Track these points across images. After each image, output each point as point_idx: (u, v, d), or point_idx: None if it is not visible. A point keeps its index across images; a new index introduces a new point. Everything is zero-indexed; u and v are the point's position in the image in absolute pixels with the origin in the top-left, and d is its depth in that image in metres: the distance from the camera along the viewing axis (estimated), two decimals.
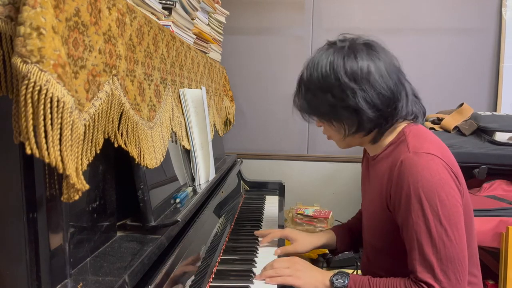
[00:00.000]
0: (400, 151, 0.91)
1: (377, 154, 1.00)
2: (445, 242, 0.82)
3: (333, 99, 0.90)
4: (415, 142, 0.90)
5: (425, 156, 0.86)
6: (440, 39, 2.25)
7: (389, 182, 0.91)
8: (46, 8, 0.46)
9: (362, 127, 0.92)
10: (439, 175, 0.84)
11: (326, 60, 0.91)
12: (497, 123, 1.75)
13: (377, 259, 1.04)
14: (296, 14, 2.33)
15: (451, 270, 0.82)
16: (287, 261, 1.03)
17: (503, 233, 1.48)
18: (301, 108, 0.99)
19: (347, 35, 0.96)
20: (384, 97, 0.89)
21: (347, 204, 2.31)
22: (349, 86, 0.88)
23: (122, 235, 0.79)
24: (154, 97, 0.90)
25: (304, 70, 0.96)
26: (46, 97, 0.45)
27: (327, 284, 0.95)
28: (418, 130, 0.95)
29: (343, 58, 0.90)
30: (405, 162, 0.87)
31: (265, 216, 1.57)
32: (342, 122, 0.93)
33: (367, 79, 0.88)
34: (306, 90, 0.95)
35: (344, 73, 0.88)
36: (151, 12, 1.02)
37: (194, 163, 1.19)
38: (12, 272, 0.56)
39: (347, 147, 1.03)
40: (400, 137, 0.95)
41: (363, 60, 0.89)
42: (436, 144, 0.92)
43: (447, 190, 0.84)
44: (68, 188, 0.50)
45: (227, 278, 1.02)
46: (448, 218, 0.83)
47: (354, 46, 0.92)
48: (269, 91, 2.38)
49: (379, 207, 0.96)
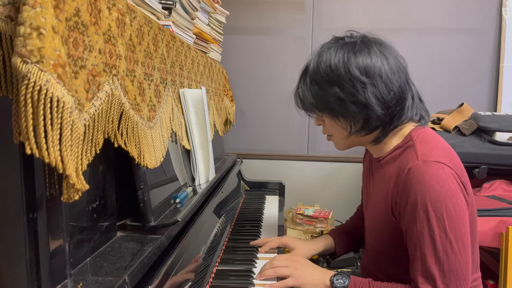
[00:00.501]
0: (408, 157, 0.89)
1: (382, 157, 0.98)
2: (449, 254, 0.80)
3: (342, 93, 0.88)
4: (424, 149, 0.88)
5: (434, 165, 0.84)
6: (440, 39, 2.25)
7: (395, 188, 0.89)
8: (46, 8, 0.46)
9: (369, 124, 0.90)
10: (447, 186, 0.82)
11: (336, 53, 0.89)
12: (497, 123, 1.75)
13: (378, 261, 1.03)
14: (296, 14, 2.33)
15: (453, 283, 0.81)
16: (287, 260, 1.02)
17: (503, 233, 1.48)
18: (304, 102, 0.95)
19: (354, 32, 0.95)
20: (395, 94, 0.88)
21: (347, 204, 2.31)
22: (360, 80, 0.86)
23: (122, 235, 0.79)
24: (154, 97, 0.90)
25: (310, 62, 0.93)
26: (46, 97, 0.45)
27: (327, 284, 0.94)
28: (427, 135, 0.93)
29: (355, 52, 0.88)
30: (413, 170, 0.84)
31: (265, 216, 1.57)
32: (348, 118, 0.91)
33: (379, 75, 0.87)
34: (312, 83, 0.92)
35: (355, 67, 0.86)
36: (151, 12, 1.02)
37: (194, 163, 1.19)
38: (12, 272, 0.56)
39: (347, 147, 1.01)
40: (407, 141, 0.93)
41: (376, 56, 0.88)
42: (445, 151, 0.90)
43: (455, 201, 0.82)
44: (68, 188, 0.50)
45: (227, 278, 1.02)
46: (454, 230, 0.81)
47: (366, 42, 0.91)
48: (269, 91, 2.38)
49: (383, 211, 0.94)
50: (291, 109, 2.39)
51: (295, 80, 1.00)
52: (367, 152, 1.12)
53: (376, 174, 1.02)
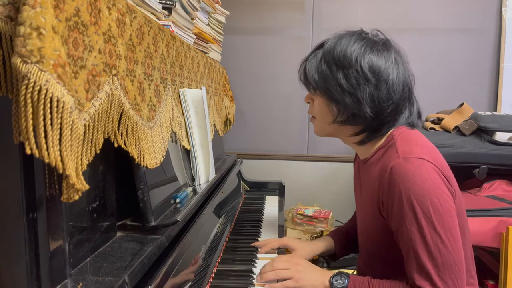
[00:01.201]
0: (390, 156, 0.89)
1: (367, 158, 0.99)
2: (440, 248, 0.81)
3: (344, 80, 0.88)
4: (404, 147, 0.88)
5: (415, 162, 0.84)
6: (440, 39, 2.25)
7: (380, 188, 0.89)
8: (46, 8, 0.46)
9: (354, 120, 0.91)
10: (430, 180, 0.82)
11: (355, 42, 0.89)
12: (497, 123, 1.75)
13: (372, 263, 1.03)
14: (296, 14, 2.33)
15: (449, 276, 0.81)
16: (288, 261, 1.02)
17: (503, 233, 1.48)
18: (307, 75, 0.95)
19: (379, 33, 0.95)
20: (393, 104, 0.89)
21: (347, 204, 2.31)
22: (366, 76, 0.87)
23: (122, 235, 0.79)
24: (154, 97, 0.90)
25: (328, 40, 0.94)
26: (46, 97, 0.45)
27: (326, 284, 0.94)
28: (407, 133, 0.93)
29: (373, 50, 0.89)
30: (395, 169, 0.85)
31: (265, 216, 1.57)
32: (339, 106, 0.91)
33: (386, 80, 0.87)
34: (322, 60, 0.92)
35: (367, 62, 0.87)
36: (151, 12, 1.02)
37: (194, 163, 1.19)
38: (12, 272, 0.56)
39: (325, 135, 1.01)
40: (389, 141, 0.93)
41: (391, 62, 0.89)
42: (426, 147, 0.90)
43: (439, 194, 0.82)
44: (68, 188, 0.50)
45: (227, 278, 1.02)
46: (442, 224, 0.81)
47: (388, 46, 0.92)
48: (269, 91, 2.38)
49: (372, 213, 0.95)
50: (291, 109, 2.40)
51: (295, 80, 1.00)
52: (356, 156, 1.12)
53: (363, 175, 1.02)
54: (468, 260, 0.95)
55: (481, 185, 1.77)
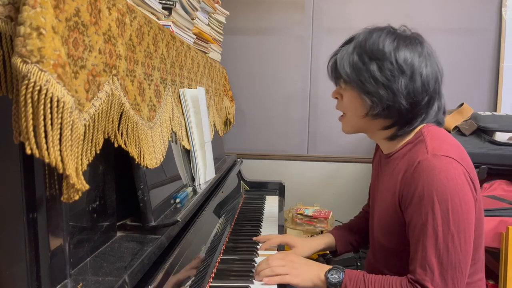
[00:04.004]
0: (418, 151, 0.89)
1: (392, 152, 0.98)
2: (449, 247, 0.81)
3: (379, 72, 0.88)
4: (434, 144, 0.88)
5: (443, 159, 0.84)
6: (440, 39, 2.25)
7: (402, 181, 0.90)
8: (46, 8, 0.46)
9: (389, 112, 0.91)
10: (455, 180, 0.82)
11: (387, 36, 0.90)
12: (497, 123, 1.75)
13: (385, 258, 1.03)
14: (296, 14, 2.33)
15: (450, 276, 0.81)
16: (283, 259, 1.02)
17: (503, 233, 1.48)
18: (338, 67, 0.95)
19: (406, 28, 0.97)
20: (427, 96, 0.90)
21: (347, 204, 2.31)
22: (402, 68, 0.88)
23: (122, 235, 0.79)
24: (154, 97, 0.90)
25: (359, 34, 0.95)
26: (46, 97, 0.45)
27: (322, 279, 0.95)
28: (437, 130, 0.94)
29: (406, 44, 0.90)
30: (423, 164, 0.85)
31: (265, 216, 1.57)
32: (374, 98, 0.90)
33: (420, 73, 0.89)
34: (354, 52, 0.92)
35: (403, 55, 0.88)
36: (151, 12, 1.02)
37: (194, 163, 1.19)
38: (12, 272, 0.56)
39: (355, 131, 1.00)
40: (418, 137, 0.93)
41: (424, 57, 0.90)
42: (455, 146, 0.90)
43: (461, 196, 0.82)
44: (68, 188, 0.50)
45: (227, 278, 1.02)
46: (457, 224, 0.81)
47: (421, 41, 0.93)
48: (269, 91, 2.38)
49: (391, 207, 0.94)
50: (291, 109, 2.40)
51: (295, 80, 1.00)
52: (376, 151, 1.12)
53: (385, 169, 1.02)
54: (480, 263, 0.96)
55: (481, 185, 1.77)
